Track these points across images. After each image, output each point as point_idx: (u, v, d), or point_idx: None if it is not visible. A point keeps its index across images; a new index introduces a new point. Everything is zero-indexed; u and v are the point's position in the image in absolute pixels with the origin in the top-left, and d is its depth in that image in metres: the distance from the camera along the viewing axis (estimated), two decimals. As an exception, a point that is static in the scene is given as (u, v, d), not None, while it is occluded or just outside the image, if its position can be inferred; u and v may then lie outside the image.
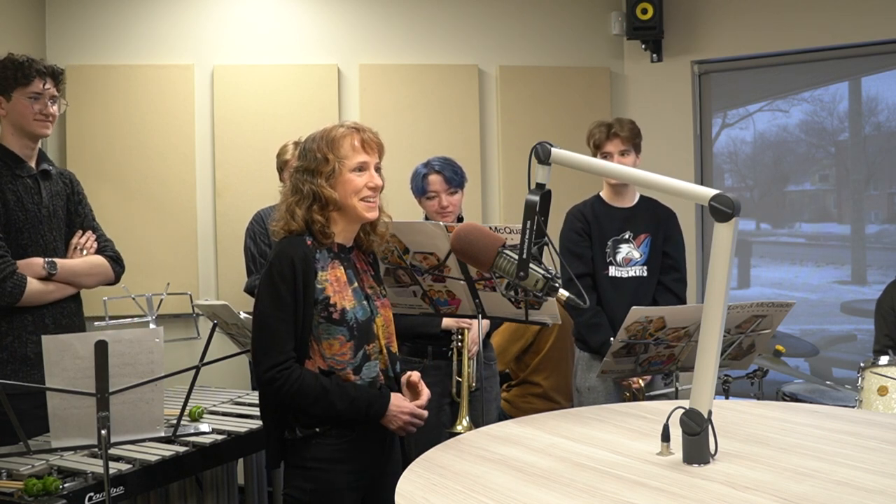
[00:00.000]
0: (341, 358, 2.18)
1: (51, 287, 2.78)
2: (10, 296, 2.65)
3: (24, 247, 2.74)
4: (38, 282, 2.74)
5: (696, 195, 1.78)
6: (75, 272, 2.85)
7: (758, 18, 4.81)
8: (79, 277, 2.87)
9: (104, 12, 4.59)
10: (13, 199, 2.72)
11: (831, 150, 5.03)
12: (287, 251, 2.17)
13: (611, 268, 3.39)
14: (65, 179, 2.96)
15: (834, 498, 1.54)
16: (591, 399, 3.35)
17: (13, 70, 2.73)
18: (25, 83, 2.73)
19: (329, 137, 2.20)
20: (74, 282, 2.86)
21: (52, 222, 2.83)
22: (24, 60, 2.74)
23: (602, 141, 3.37)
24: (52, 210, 2.84)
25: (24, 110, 2.74)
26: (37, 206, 2.79)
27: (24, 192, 2.76)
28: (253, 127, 4.59)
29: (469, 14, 4.94)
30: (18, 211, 2.73)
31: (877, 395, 3.18)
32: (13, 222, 2.72)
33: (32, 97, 2.75)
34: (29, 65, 2.74)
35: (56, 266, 2.78)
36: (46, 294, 2.77)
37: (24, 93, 2.74)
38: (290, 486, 2.22)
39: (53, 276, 2.77)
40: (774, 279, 5.15)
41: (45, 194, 2.83)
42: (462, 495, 1.62)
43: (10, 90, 2.74)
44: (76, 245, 2.91)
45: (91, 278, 2.93)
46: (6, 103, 2.75)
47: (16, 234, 2.72)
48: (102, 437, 2.09)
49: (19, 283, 2.67)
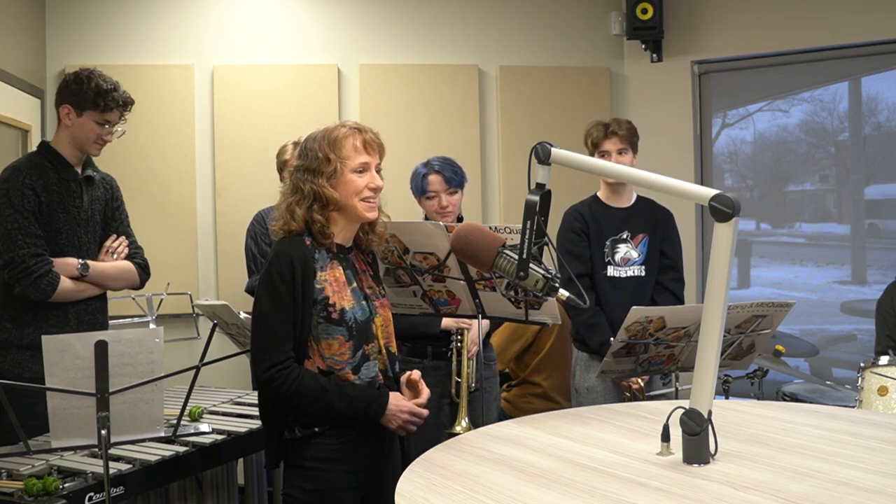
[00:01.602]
0: (340, 358, 2.18)
1: (81, 287, 2.89)
2: (43, 293, 2.76)
3: (61, 246, 2.85)
4: (70, 281, 2.84)
5: (696, 195, 1.78)
6: (105, 275, 2.96)
7: (758, 18, 4.81)
8: (107, 280, 2.98)
9: (104, 12, 4.59)
10: (56, 200, 2.83)
11: (831, 150, 5.03)
12: (286, 251, 2.17)
13: (609, 268, 3.39)
14: (106, 185, 3.07)
15: (834, 498, 1.54)
16: (589, 399, 3.35)
17: (95, 94, 2.82)
18: (103, 111, 2.84)
19: (331, 137, 2.20)
20: (103, 283, 2.97)
21: (89, 226, 2.94)
22: (108, 88, 2.83)
23: (600, 140, 3.37)
24: (90, 214, 2.95)
25: (89, 132, 2.85)
26: (77, 210, 2.89)
27: (67, 195, 2.87)
28: (253, 127, 4.59)
29: (469, 14, 4.94)
30: (60, 212, 2.84)
31: (877, 395, 3.19)
32: (53, 223, 2.82)
33: (102, 123, 2.86)
34: (111, 95, 2.84)
35: (88, 268, 2.89)
36: (76, 293, 2.87)
37: (97, 117, 2.84)
38: (290, 485, 2.22)
39: (85, 277, 2.88)
40: (774, 279, 5.15)
41: (86, 199, 2.94)
42: (462, 495, 1.62)
43: (84, 108, 2.83)
44: (108, 248, 3.02)
45: (119, 282, 3.04)
46: (76, 117, 2.85)
47: (55, 235, 2.83)
48: (102, 437, 2.09)
49: (53, 281, 2.77)
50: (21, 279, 2.73)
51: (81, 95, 2.83)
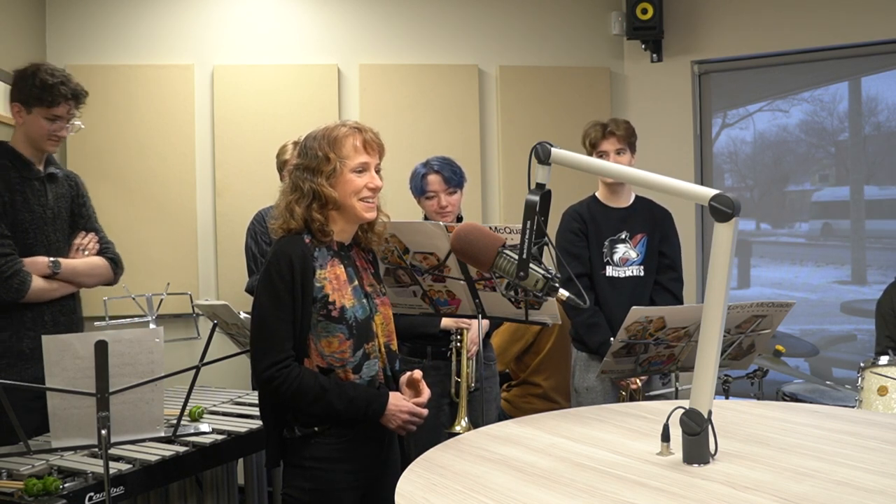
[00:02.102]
0: (340, 356, 2.18)
1: (54, 285, 2.85)
2: (15, 292, 2.72)
3: (29, 246, 2.80)
4: (42, 280, 2.80)
5: (696, 195, 1.78)
6: (77, 272, 2.92)
7: (758, 18, 4.81)
8: (80, 277, 2.94)
9: (104, 12, 4.59)
10: (20, 199, 2.79)
11: (831, 150, 5.03)
12: (285, 250, 2.17)
13: (608, 268, 3.39)
14: (70, 182, 3.02)
15: (834, 498, 1.54)
16: (589, 399, 3.35)
17: (40, 90, 2.75)
18: (49, 105, 2.77)
19: (331, 137, 2.20)
20: (75, 281, 2.93)
21: (56, 223, 2.90)
22: (52, 83, 2.75)
23: (598, 140, 3.38)
24: (56, 212, 2.90)
25: (39, 129, 2.80)
26: (42, 208, 2.85)
27: (31, 194, 2.82)
28: (253, 127, 4.59)
29: (469, 14, 4.94)
30: (25, 212, 2.80)
31: (877, 395, 3.19)
32: (20, 223, 2.78)
33: (51, 119, 2.79)
34: (57, 88, 2.76)
35: (60, 265, 2.84)
36: (49, 292, 2.83)
37: (45, 113, 2.78)
38: (290, 485, 2.22)
39: (57, 274, 2.84)
40: (774, 279, 5.15)
41: (50, 196, 2.89)
42: (462, 495, 1.62)
43: (32, 105, 2.78)
44: (78, 245, 2.97)
45: (91, 278, 3.00)
46: (25, 114, 2.80)
47: (22, 234, 2.79)
48: (102, 437, 2.09)
49: (24, 280, 2.73)
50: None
51: (27, 92, 2.76)
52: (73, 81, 2.83)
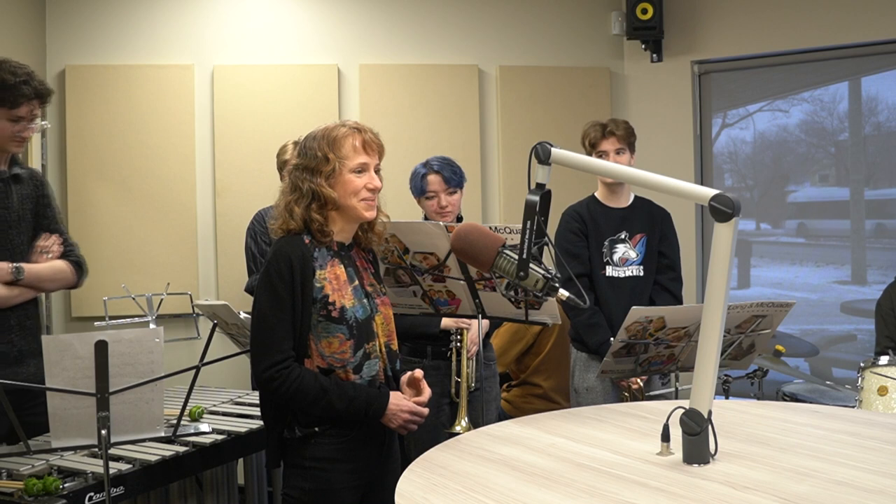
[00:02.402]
0: (341, 356, 2.18)
1: (14, 292, 2.71)
2: None
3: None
4: (4, 287, 2.67)
5: (696, 195, 1.78)
6: (40, 277, 2.78)
7: (758, 18, 4.81)
8: (42, 282, 2.81)
9: (104, 12, 4.59)
10: None
11: (831, 150, 5.03)
12: (284, 250, 2.17)
13: (608, 268, 3.39)
14: (35, 182, 2.88)
15: (834, 498, 1.54)
16: (589, 399, 3.35)
17: (1, 90, 2.60)
18: (11, 106, 2.63)
19: (330, 137, 2.20)
20: (38, 286, 2.80)
21: (20, 226, 2.77)
22: (13, 83, 2.61)
23: (597, 140, 3.38)
24: (21, 214, 2.78)
25: (2, 131, 2.65)
26: (6, 210, 2.72)
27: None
28: (253, 127, 4.59)
29: (469, 14, 4.94)
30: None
31: (877, 395, 3.19)
32: None
33: (14, 120, 2.66)
34: (18, 88, 2.61)
35: (23, 272, 2.71)
36: (10, 298, 2.70)
37: (8, 114, 2.64)
38: (290, 485, 2.22)
39: (20, 281, 2.71)
40: (774, 279, 5.15)
41: (15, 198, 2.76)
42: (462, 495, 1.62)
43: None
44: (41, 248, 2.82)
45: (53, 283, 2.88)
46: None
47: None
48: (102, 437, 2.09)
49: None
50: None
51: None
52: (37, 79, 2.68)
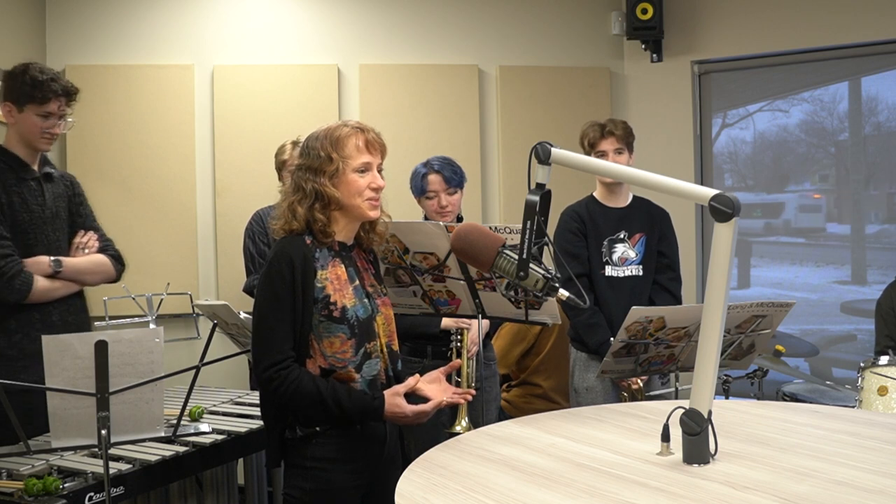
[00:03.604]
0: (342, 356, 2.18)
1: (56, 284, 2.85)
2: (18, 293, 2.72)
3: (29, 246, 2.81)
4: (45, 279, 2.80)
5: (696, 195, 1.78)
6: (79, 270, 2.92)
7: (758, 18, 4.81)
8: (83, 275, 2.94)
9: (104, 12, 4.59)
10: (18, 200, 2.79)
11: (831, 150, 5.03)
12: (286, 250, 2.17)
13: (607, 267, 3.39)
14: (66, 182, 3.02)
15: (834, 498, 1.54)
16: (589, 399, 3.35)
17: (31, 87, 2.76)
18: (41, 102, 2.78)
19: (333, 136, 2.19)
20: (79, 279, 2.93)
21: (55, 223, 2.90)
22: (43, 80, 2.77)
23: (597, 140, 3.38)
24: (55, 211, 2.91)
25: (32, 127, 2.80)
26: (41, 208, 2.85)
27: (28, 194, 2.83)
28: (253, 127, 4.59)
29: (469, 14, 4.94)
30: (23, 212, 2.80)
31: (877, 395, 3.19)
32: (19, 223, 2.78)
33: (44, 116, 2.80)
34: (47, 85, 2.77)
35: (62, 264, 2.85)
36: (52, 291, 2.83)
37: (37, 110, 2.79)
38: (290, 485, 2.22)
39: (59, 273, 2.85)
40: (774, 279, 5.15)
41: (48, 196, 2.89)
42: (462, 495, 1.62)
43: (23, 103, 2.79)
44: (78, 244, 2.97)
45: (94, 276, 3.00)
46: (17, 113, 2.81)
47: (22, 235, 2.79)
48: (102, 437, 2.10)
49: (26, 280, 2.74)
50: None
51: (18, 90, 2.77)
52: (64, 79, 2.84)
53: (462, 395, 2.27)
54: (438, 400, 2.24)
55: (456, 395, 2.27)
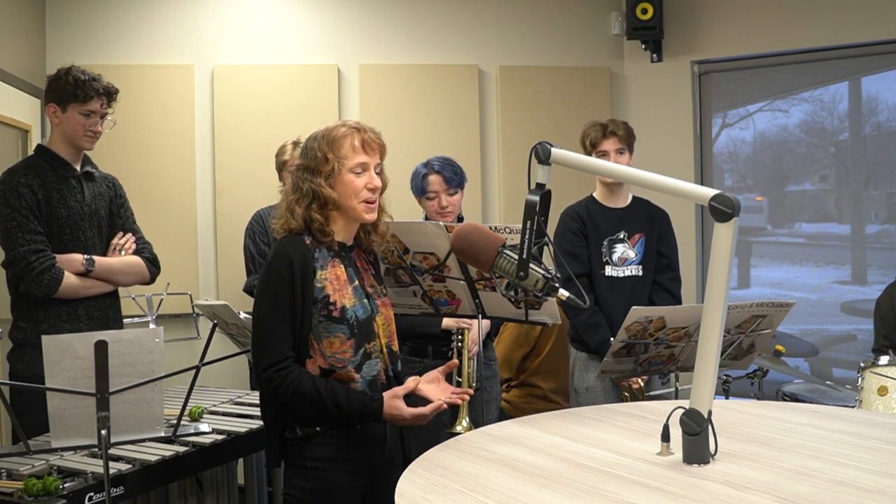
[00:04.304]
0: (341, 356, 2.18)
1: (88, 283, 2.89)
2: (46, 288, 2.77)
3: (65, 242, 2.86)
4: (76, 277, 2.85)
5: (696, 195, 1.78)
6: (112, 270, 2.97)
7: (758, 18, 4.81)
8: (115, 275, 2.99)
9: (104, 12, 4.59)
10: (57, 196, 2.85)
11: (831, 150, 5.03)
12: (285, 250, 2.17)
13: (607, 267, 3.39)
14: (108, 183, 3.09)
15: (834, 498, 1.54)
16: (588, 399, 3.35)
17: (73, 86, 2.85)
18: (83, 101, 2.87)
19: (330, 137, 2.20)
20: (111, 279, 2.98)
21: (92, 221, 2.96)
22: (85, 79, 2.86)
23: (598, 140, 3.38)
24: (93, 209, 2.97)
25: (76, 125, 2.89)
26: (79, 205, 2.91)
27: (67, 190, 2.89)
28: (253, 127, 4.59)
29: (469, 14, 4.94)
30: (61, 208, 2.86)
31: (877, 395, 3.18)
32: (56, 218, 2.84)
33: (86, 114, 2.88)
34: (89, 84, 2.87)
35: (94, 263, 2.90)
36: (83, 289, 2.88)
37: (80, 109, 2.88)
38: (290, 485, 2.22)
39: (91, 272, 2.89)
40: (774, 279, 5.15)
41: (87, 194, 2.96)
42: (462, 495, 1.62)
43: (67, 103, 2.87)
44: (115, 245, 3.03)
45: (127, 277, 3.05)
46: (61, 114, 2.89)
47: (58, 230, 2.85)
48: (102, 437, 2.10)
49: (56, 276, 2.78)
50: (24, 276, 2.75)
51: (61, 91, 2.86)
52: (104, 80, 2.95)
53: (460, 395, 2.26)
54: (437, 404, 2.21)
55: (454, 395, 2.26)
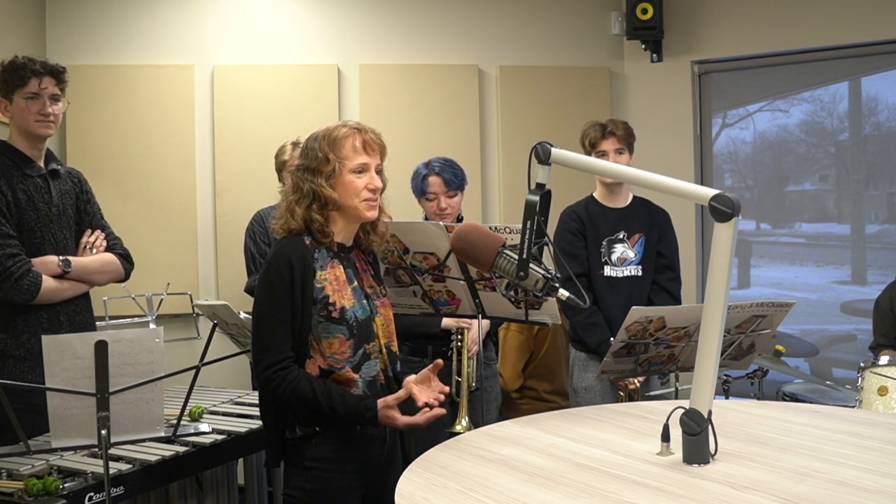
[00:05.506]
0: (341, 357, 2.18)
1: (65, 285, 2.81)
2: (26, 293, 2.69)
3: (37, 245, 2.78)
4: (53, 280, 2.77)
5: (696, 195, 1.78)
6: (88, 270, 2.89)
7: (758, 18, 4.81)
8: (91, 275, 2.91)
9: (104, 12, 4.59)
10: (24, 198, 2.76)
11: (831, 150, 5.03)
12: (285, 251, 2.17)
13: (606, 267, 3.39)
14: (73, 178, 2.99)
15: (834, 498, 1.54)
16: (587, 399, 3.36)
17: (11, 73, 2.77)
18: (22, 84, 2.76)
19: (331, 137, 2.20)
20: (87, 279, 2.90)
21: (62, 220, 2.87)
22: (21, 62, 2.77)
23: (598, 140, 3.38)
24: (62, 209, 2.88)
25: (24, 112, 2.78)
26: (47, 205, 2.82)
27: (34, 191, 2.80)
28: (253, 127, 4.59)
29: (469, 14, 4.94)
30: (30, 210, 2.77)
31: (877, 395, 3.19)
32: (26, 221, 2.75)
33: (30, 97, 2.77)
34: (24, 66, 2.77)
35: (70, 264, 2.82)
36: (60, 292, 2.80)
37: (23, 93, 2.77)
38: (290, 485, 2.22)
39: (68, 273, 2.81)
40: (774, 279, 5.15)
41: (54, 193, 2.86)
42: (462, 495, 1.62)
43: (11, 92, 2.78)
44: (86, 244, 2.94)
45: (103, 276, 2.97)
46: (10, 105, 2.80)
47: (29, 233, 2.76)
48: (102, 437, 2.10)
49: (35, 280, 2.70)
50: (2, 282, 2.64)
51: (3, 83, 2.78)
52: (43, 60, 2.82)
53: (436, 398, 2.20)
54: (430, 414, 2.18)
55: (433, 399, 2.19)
